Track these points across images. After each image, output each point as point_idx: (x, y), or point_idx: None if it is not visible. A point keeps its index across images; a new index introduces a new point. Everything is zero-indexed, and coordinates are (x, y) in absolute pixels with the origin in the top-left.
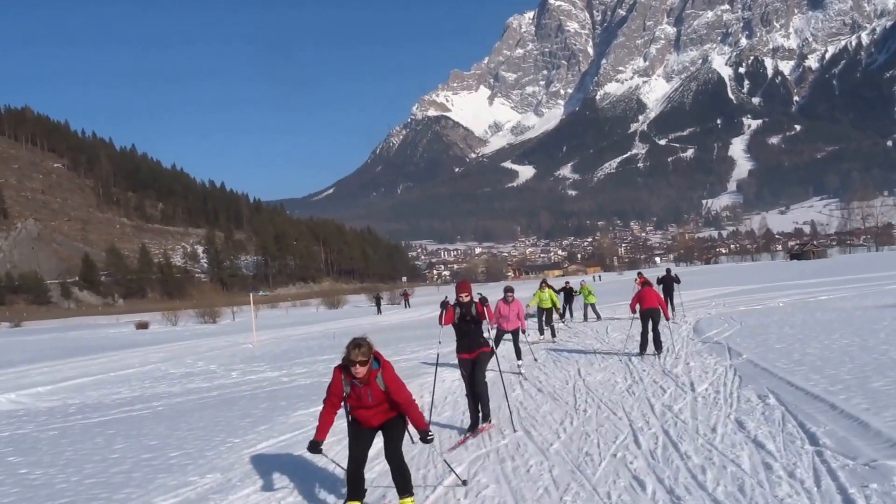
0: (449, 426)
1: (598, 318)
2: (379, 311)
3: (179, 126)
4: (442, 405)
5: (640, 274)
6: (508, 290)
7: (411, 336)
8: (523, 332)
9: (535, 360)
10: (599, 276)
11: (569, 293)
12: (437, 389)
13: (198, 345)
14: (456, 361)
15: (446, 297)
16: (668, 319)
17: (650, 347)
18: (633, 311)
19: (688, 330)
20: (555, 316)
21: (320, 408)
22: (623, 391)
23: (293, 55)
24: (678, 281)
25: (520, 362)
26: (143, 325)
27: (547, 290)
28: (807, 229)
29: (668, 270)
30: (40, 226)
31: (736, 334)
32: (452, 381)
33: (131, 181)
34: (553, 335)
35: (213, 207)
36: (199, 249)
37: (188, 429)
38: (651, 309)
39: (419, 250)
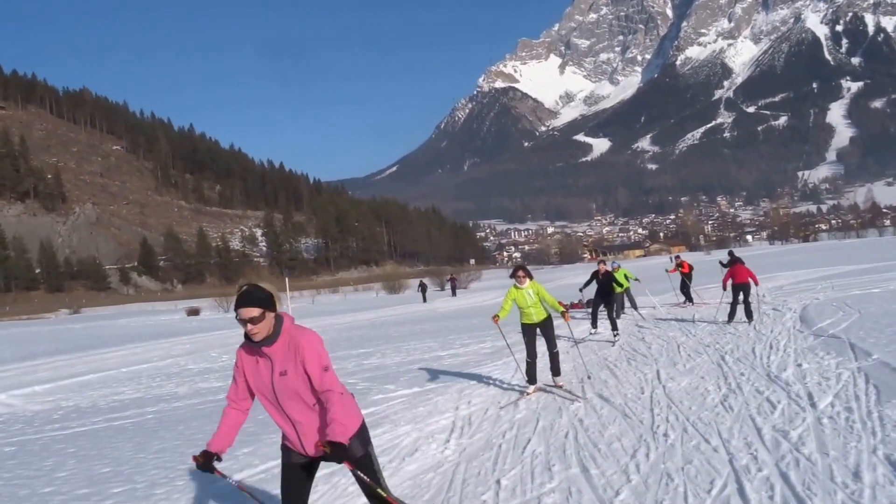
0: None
1: (634, 307)
2: (424, 299)
3: (238, 104)
4: (480, 420)
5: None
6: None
7: (461, 326)
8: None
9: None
10: (676, 257)
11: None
12: (479, 400)
13: (233, 335)
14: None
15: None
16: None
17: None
18: (725, 289)
19: (793, 319)
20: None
21: None
22: (717, 404)
23: (355, 26)
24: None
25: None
26: (193, 312)
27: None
28: None
29: (731, 252)
30: (99, 210)
31: (855, 325)
32: (500, 388)
33: (189, 162)
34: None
35: (272, 189)
36: (258, 233)
37: (159, 448)
38: (742, 283)
39: (487, 230)
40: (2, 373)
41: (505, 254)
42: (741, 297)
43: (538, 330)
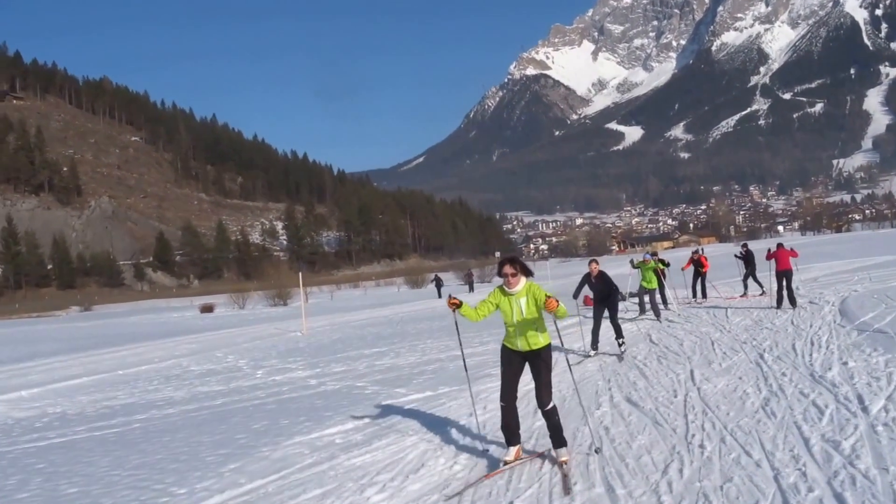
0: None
1: (663, 305)
2: (439, 294)
3: (261, 94)
4: (495, 428)
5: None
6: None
7: (481, 323)
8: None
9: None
10: (702, 249)
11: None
12: (495, 406)
13: (243, 333)
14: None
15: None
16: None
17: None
18: (768, 259)
19: (832, 313)
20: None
21: (327, 430)
22: (757, 409)
23: (380, 14)
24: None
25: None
26: (207, 309)
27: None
28: None
29: (745, 245)
30: (115, 203)
31: None
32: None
33: (210, 153)
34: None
35: (295, 180)
36: (279, 226)
37: (138, 463)
38: (785, 270)
39: (515, 222)
40: None
41: (532, 246)
42: (784, 282)
43: (527, 363)
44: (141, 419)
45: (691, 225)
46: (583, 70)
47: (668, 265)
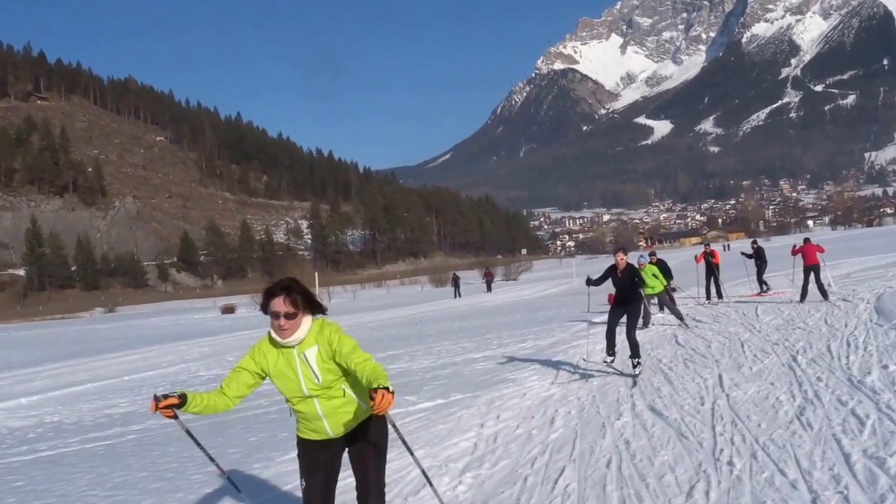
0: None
1: (670, 310)
2: (457, 293)
3: (286, 91)
4: (507, 440)
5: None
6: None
7: (502, 323)
8: None
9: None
10: (728, 246)
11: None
12: (509, 414)
13: (259, 335)
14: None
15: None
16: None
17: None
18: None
19: (868, 311)
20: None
21: None
22: (791, 420)
23: (405, 10)
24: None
25: None
26: (228, 310)
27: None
28: None
29: (755, 242)
30: (139, 204)
31: None
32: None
33: (235, 152)
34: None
35: (321, 178)
36: (303, 224)
37: (119, 481)
38: (812, 265)
39: (542, 219)
40: None
41: (558, 243)
42: (811, 277)
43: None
44: (136, 430)
45: (720, 220)
46: (611, 64)
47: (669, 278)
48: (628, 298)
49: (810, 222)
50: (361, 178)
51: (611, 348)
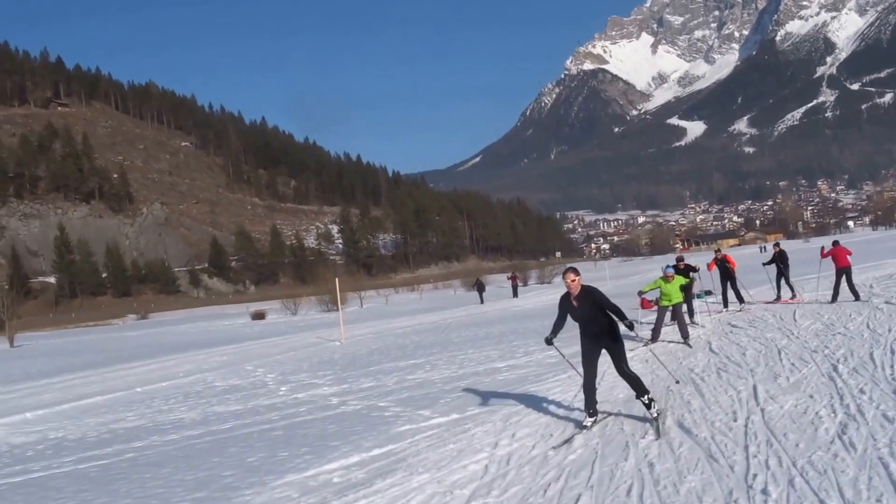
0: None
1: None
2: (481, 299)
3: (311, 96)
4: (521, 463)
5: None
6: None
7: (530, 329)
8: None
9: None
10: (764, 248)
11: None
12: (526, 432)
13: (283, 342)
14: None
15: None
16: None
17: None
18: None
19: None
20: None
21: (326, 466)
22: (832, 439)
23: (433, 7)
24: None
25: None
26: (259, 316)
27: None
28: None
29: (777, 245)
30: (167, 210)
31: None
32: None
33: (262, 157)
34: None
35: (349, 183)
36: (334, 229)
37: None
38: (844, 267)
39: (575, 222)
40: (8, 394)
41: (593, 246)
42: (843, 279)
43: None
44: (137, 447)
45: (757, 222)
46: (642, 64)
47: (696, 270)
48: (599, 331)
49: (850, 223)
50: (391, 182)
51: (590, 406)
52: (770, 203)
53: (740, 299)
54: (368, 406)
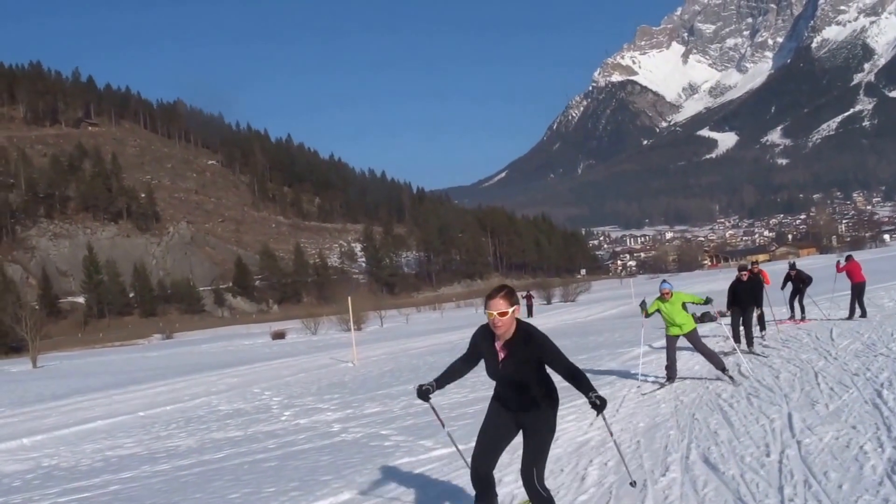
0: None
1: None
2: None
3: (336, 111)
4: None
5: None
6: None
7: None
8: None
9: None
10: (794, 264)
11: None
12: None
13: (295, 363)
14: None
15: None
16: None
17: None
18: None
19: None
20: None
21: None
22: (881, 479)
23: (459, 18)
24: (808, 280)
25: None
26: (279, 335)
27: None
28: None
29: (793, 265)
30: (193, 229)
31: None
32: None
33: (287, 175)
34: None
35: (373, 200)
36: (357, 247)
37: None
38: (861, 282)
39: (601, 238)
40: (13, 417)
41: (619, 262)
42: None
43: None
44: (124, 479)
45: (790, 236)
46: (672, 74)
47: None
48: (524, 401)
49: (886, 236)
50: (415, 198)
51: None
52: (803, 216)
53: (762, 325)
54: (369, 434)
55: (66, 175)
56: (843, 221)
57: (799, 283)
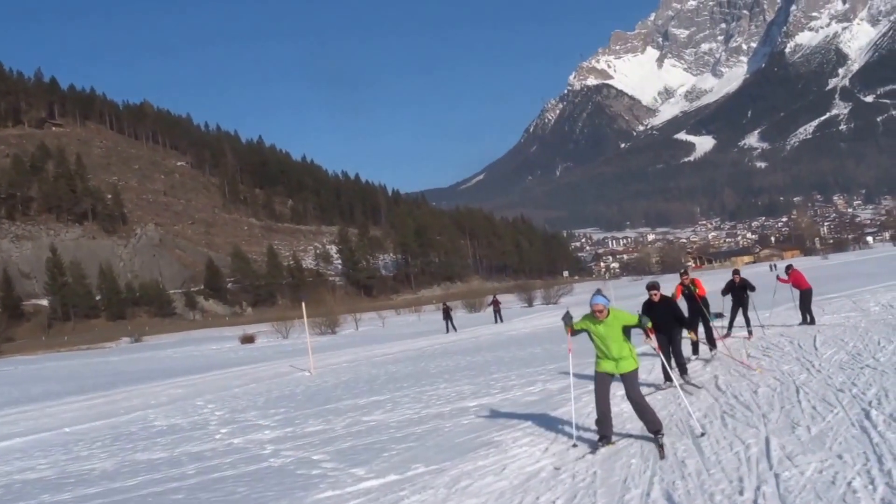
0: None
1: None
2: (452, 327)
3: (309, 112)
4: None
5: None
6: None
7: (517, 359)
8: None
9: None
10: (775, 266)
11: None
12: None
13: (251, 371)
14: None
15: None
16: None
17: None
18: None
19: None
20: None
21: None
22: None
23: (434, 19)
24: (752, 288)
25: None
26: (248, 339)
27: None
28: None
29: (737, 272)
30: (162, 231)
31: None
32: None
33: (258, 177)
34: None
35: (348, 202)
36: (332, 249)
37: None
38: (808, 289)
39: (583, 240)
40: None
41: (602, 264)
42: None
43: None
44: None
45: (772, 238)
46: (647, 78)
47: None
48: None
49: (869, 238)
50: (390, 200)
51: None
52: (785, 219)
53: (709, 339)
54: (299, 459)
55: (29, 175)
56: (826, 224)
57: (741, 291)
